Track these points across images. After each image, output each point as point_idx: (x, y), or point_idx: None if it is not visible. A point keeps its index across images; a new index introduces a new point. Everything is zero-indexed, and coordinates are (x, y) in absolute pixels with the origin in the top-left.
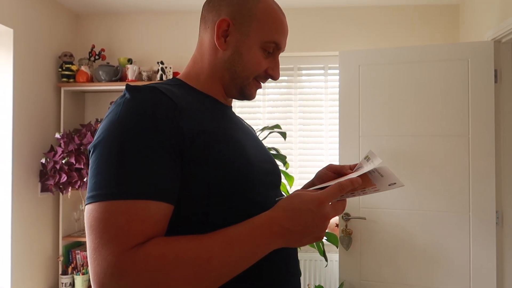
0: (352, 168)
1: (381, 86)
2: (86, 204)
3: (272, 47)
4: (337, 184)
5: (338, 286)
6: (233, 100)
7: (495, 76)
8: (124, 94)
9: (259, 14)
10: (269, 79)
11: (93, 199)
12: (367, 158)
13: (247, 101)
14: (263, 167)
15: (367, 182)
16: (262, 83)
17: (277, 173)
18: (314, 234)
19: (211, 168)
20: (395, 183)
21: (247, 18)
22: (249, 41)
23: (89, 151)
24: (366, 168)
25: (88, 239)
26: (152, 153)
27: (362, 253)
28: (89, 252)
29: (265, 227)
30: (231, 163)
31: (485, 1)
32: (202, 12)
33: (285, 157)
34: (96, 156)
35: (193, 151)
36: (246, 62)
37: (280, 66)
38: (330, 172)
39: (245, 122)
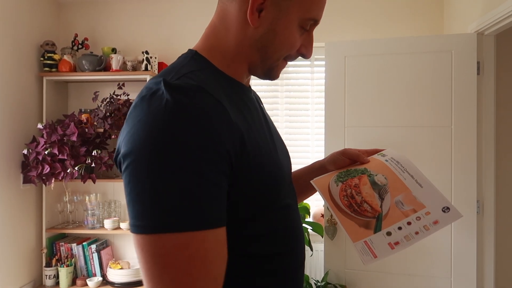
0: (370, 152)
1: (366, 77)
2: (137, 234)
3: (310, 24)
4: None
5: (323, 275)
6: None
7: (478, 68)
8: (161, 94)
9: None
10: (300, 57)
11: (147, 230)
12: (382, 155)
13: (270, 81)
14: (287, 167)
15: (408, 195)
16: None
17: (291, 164)
18: None
19: (256, 179)
20: (448, 209)
21: None
22: (286, 18)
23: (119, 162)
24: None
25: (159, 280)
26: (209, 173)
27: (347, 242)
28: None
29: None
30: (272, 171)
31: None
32: None
33: None
34: (139, 173)
35: (243, 163)
36: (280, 43)
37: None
38: (346, 158)
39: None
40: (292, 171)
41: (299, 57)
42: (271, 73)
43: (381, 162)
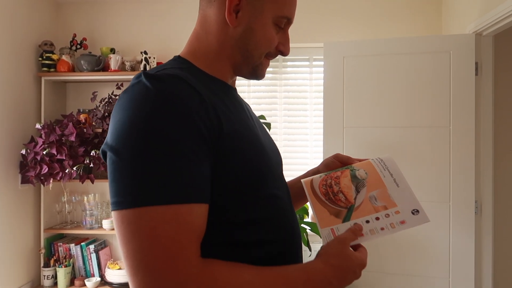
0: (360, 159)
1: (365, 77)
2: (116, 210)
3: (284, 22)
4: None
5: None
6: None
7: (476, 69)
8: (142, 83)
9: None
10: (279, 55)
11: (128, 204)
12: (380, 160)
13: (256, 80)
14: (275, 159)
15: (383, 192)
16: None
17: (281, 162)
18: (345, 284)
19: (236, 164)
20: (418, 211)
21: None
22: (262, 16)
23: (104, 151)
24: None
25: (128, 250)
26: (188, 151)
27: None
28: (132, 265)
29: (318, 282)
30: (255, 159)
31: None
32: None
33: None
34: (121, 154)
35: (222, 146)
36: (259, 40)
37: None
38: (338, 162)
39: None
40: (291, 179)
41: (279, 54)
42: (256, 72)
43: (367, 160)
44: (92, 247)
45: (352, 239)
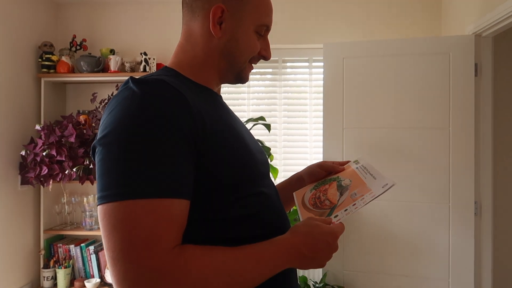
0: (343, 164)
1: (365, 78)
2: (101, 204)
3: (264, 30)
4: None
5: (321, 276)
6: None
7: (475, 70)
8: (129, 87)
9: None
10: (261, 59)
11: (111, 198)
12: (356, 162)
13: (241, 84)
14: (260, 158)
15: (363, 188)
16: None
17: (267, 162)
18: (321, 262)
19: (222, 162)
20: (387, 184)
21: (240, 3)
22: (244, 26)
23: (94, 148)
24: (358, 171)
25: (109, 241)
26: (171, 149)
27: (345, 243)
28: (112, 256)
29: (287, 250)
30: (240, 157)
31: None
32: (185, 0)
33: (269, 149)
34: (108, 152)
35: (206, 145)
36: (243, 47)
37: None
38: (323, 171)
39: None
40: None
41: (262, 59)
42: (241, 76)
43: (352, 169)
44: (92, 248)
45: (322, 220)
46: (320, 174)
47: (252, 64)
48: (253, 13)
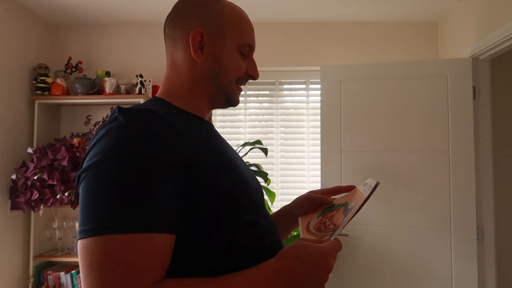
0: (332, 191)
1: (362, 101)
2: (81, 238)
3: (247, 49)
4: (338, 241)
5: None
6: (213, 115)
7: (474, 93)
8: (116, 118)
9: (228, 19)
10: (249, 79)
11: (91, 233)
12: (364, 184)
13: (233, 107)
14: (255, 187)
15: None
16: (242, 86)
17: (262, 191)
18: (315, 284)
19: (214, 191)
20: (366, 183)
21: (219, 25)
22: (226, 47)
23: (78, 178)
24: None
25: (87, 277)
26: (154, 183)
27: (345, 268)
28: None
29: (273, 277)
30: (232, 185)
31: (463, 19)
32: (165, 31)
33: (266, 174)
34: (90, 184)
35: (196, 174)
36: (228, 68)
37: (261, 81)
38: (310, 204)
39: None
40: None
41: (250, 79)
42: (230, 99)
43: (358, 190)
44: None
45: (312, 240)
46: (308, 208)
47: (241, 86)
48: (233, 34)
